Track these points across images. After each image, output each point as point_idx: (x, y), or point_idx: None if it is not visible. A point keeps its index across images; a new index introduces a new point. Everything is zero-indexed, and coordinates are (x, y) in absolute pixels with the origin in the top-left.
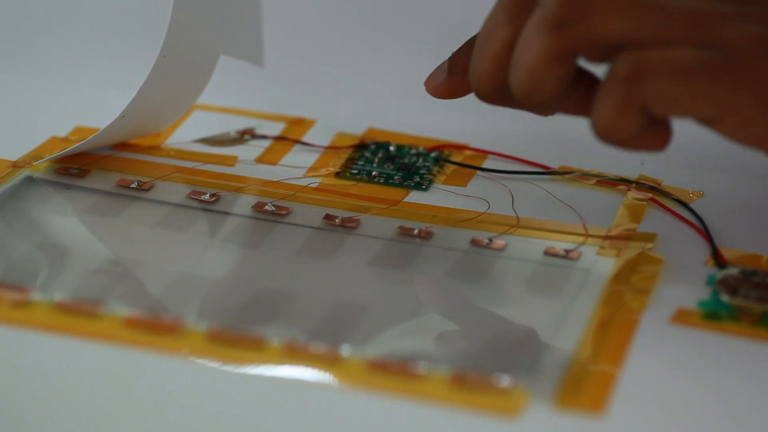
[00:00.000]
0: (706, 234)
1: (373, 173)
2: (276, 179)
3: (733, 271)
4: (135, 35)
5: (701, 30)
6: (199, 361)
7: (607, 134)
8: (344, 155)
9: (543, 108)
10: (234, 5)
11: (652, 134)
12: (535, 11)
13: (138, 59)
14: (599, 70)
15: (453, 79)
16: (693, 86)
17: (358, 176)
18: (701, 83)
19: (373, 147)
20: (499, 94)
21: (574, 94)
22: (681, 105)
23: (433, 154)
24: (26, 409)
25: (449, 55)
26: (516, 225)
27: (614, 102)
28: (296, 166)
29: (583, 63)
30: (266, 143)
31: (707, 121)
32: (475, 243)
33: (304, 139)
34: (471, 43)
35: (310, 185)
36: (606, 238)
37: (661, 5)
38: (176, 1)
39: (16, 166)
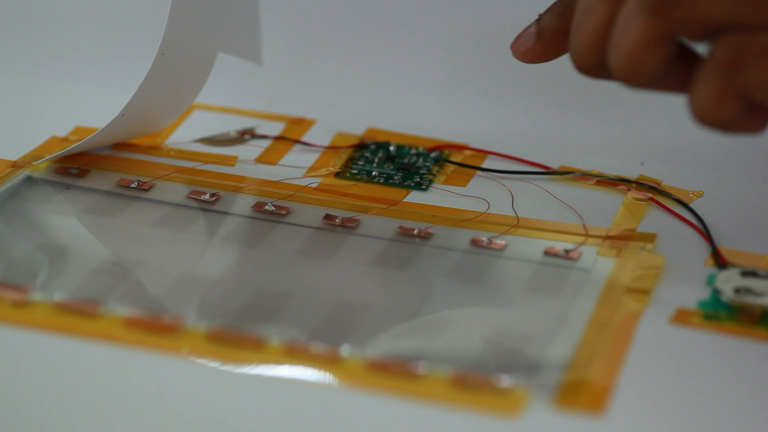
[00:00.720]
0: (706, 234)
1: (373, 173)
2: (276, 179)
3: (742, 281)
4: (135, 35)
5: None
6: (199, 361)
7: (705, 119)
8: (344, 155)
9: (643, 87)
10: (232, 2)
11: (751, 118)
12: None
13: (138, 59)
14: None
15: (542, 43)
16: None
17: (358, 176)
18: None
19: (373, 147)
20: (598, 69)
21: (674, 72)
22: None
23: (433, 154)
24: (26, 409)
25: (449, 54)
26: (516, 225)
27: (713, 87)
28: (296, 166)
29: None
30: (266, 143)
31: None
32: (475, 243)
33: (304, 139)
34: (560, 4)
35: (310, 185)
36: (606, 238)
37: None
38: (174, 0)
39: (16, 166)
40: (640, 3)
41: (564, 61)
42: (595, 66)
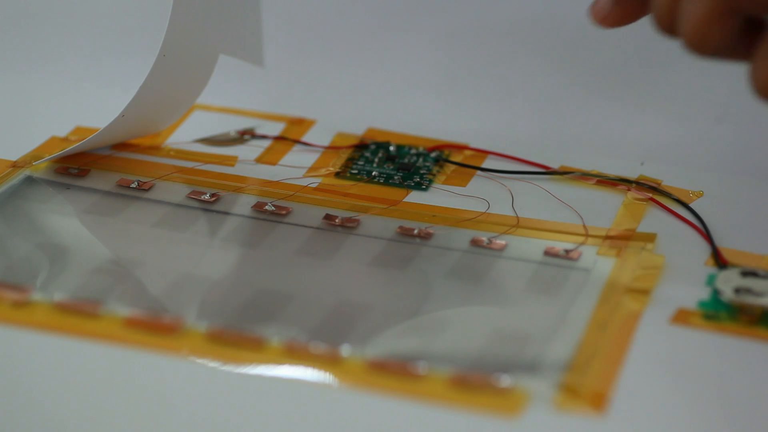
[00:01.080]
0: (706, 234)
1: (373, 173)
2: (276, 179)
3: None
4: (135, 35)
5: None
6: (199, 361)
7: (765, 93)
8: (344, 155)
9: (711, 56)
10: (234, 5)
11: None
12: None
13: (138, 59)
14: None
15: (621, 8)
16: None
17: (358, 176)
18: None
19: (373, 147)
20: (675, 33)
21: (742, 43)
22: None
23: (433, 154)
24: (26, 409)
25: (449, 54)
26: (516, 225)
27: None
28: (296, 166)
29: None
30: (266, 143)
31: None
32: (475, 243)
33: (304, 139)
34: None
35: (310, 185)
36: (606, 238)
37: None
38: (176, 1)
39: (16, 166)
40: None
41: (564, 61)
42: (671, 29)
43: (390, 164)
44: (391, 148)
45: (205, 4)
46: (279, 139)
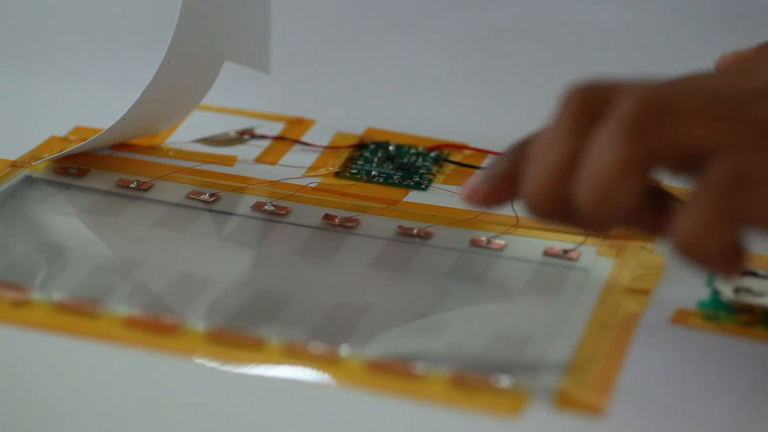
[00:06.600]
0: None
1: (373, 173)
2: (275, 179)
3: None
4: (135, 35)
5: None
6: (199, 361)
7: (692, 246)
8: (343, 155)
9: (613, 223)
10: (243, 11)
11: (730, 257)
12: (610, 117)
13: (138, 59)
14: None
15: (493, 185)
16: None
17: (358, 176)
18: None
19: (372, 147)
20: (557, 211)
21: (647, 211)
22: None
23: (432, 154)
24: (26, 409)
25: (449, 54)
26: (515, 225)
27: (709, 211)
28: (296, 165)
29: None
30: (266, 143)
31: None
32: (474, 243)
33: (304, 139)
34: (515, 151)
35: (310, 185)
36: (606, 237)
37: (752, 117)
38: (183, 7)
39: (15, 165)
40: (617, 127)
41: (564, 61)
42: (554, 208)
43: (389, 164)
44: (391, 148)
45: (213, 11)
46: (278, 139)
